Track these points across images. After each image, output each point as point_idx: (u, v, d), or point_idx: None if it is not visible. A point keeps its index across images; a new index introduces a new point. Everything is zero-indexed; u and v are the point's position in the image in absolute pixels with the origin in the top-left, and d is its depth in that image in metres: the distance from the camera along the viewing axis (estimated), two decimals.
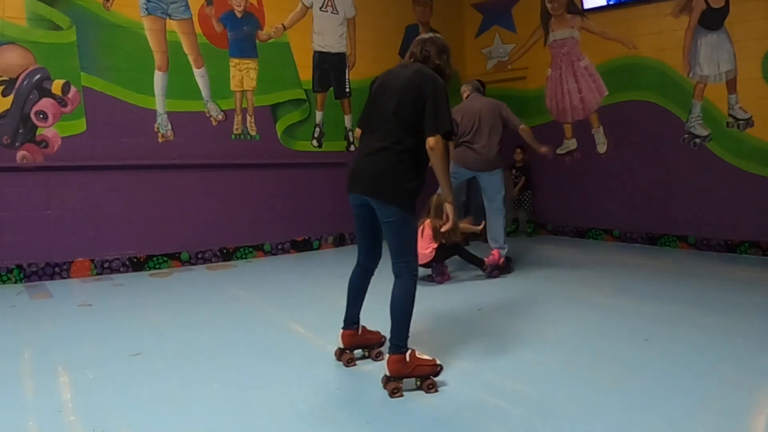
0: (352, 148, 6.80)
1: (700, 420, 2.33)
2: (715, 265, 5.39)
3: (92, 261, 5.14)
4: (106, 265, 5.20)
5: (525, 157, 7.19)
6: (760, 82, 5.60)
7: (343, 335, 2.95)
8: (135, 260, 5.34)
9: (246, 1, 6.02)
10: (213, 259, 5.78)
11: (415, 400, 2.54)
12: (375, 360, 2.98)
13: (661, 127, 6.29)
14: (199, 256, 5.71)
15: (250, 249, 6.05)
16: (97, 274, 5.15)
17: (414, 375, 2.61)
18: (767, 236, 5.62)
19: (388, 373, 2.61)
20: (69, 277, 5.01)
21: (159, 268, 5.45)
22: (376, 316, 3.00)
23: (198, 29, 5.72)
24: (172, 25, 5.55)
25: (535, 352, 3.14)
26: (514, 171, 7.24)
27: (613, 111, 6.70)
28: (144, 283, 4.94)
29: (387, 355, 2.65)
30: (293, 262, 5.83)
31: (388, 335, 2.70)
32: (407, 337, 2.64)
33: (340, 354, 2.98)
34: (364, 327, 3.00)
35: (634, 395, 2.55)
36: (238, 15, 5.98)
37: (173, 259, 5.56)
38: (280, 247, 6.25)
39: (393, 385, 2.58)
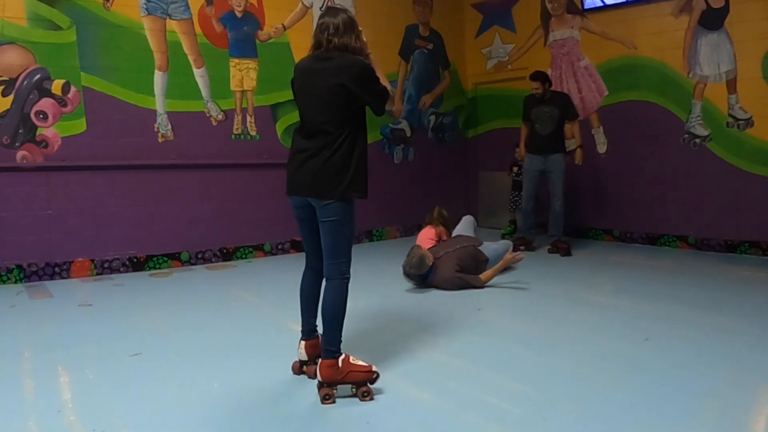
0: None
1: (700, 420, 2.33)
2: (715, 265, 5.38)
3: (92, 261, 5.14)
4: (106, 265, 5.20)
5: None
6: (760, 82, 5.60)
7: (306, 346, 2.77)
8: (135, 260, 5.34)
9: (246, 1, 6.02)
10: (213, 259, 5.78)
11: (414, 399, 2.54)
12: None
13: (661, 127, 6.29)
14: (199, 256, 5.71)
15: (250, 249, 6.05)
16: (97, 274, 5.15)
17: (347, 381, 2.51)
18: (767, 236, 5.62)
19: (320, 379, 2.51)
20: (69, 277, 5.01)
21: (159, 268, 5.45)
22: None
23: (198, 29, 5.71)
24: (172, 25, 5.55)
25: (535, 352, 3.14)
26: (516, 169, 7.19)
27: (613, 111, 6.70)
28: (144, 283, 4.94)
29: (319, 360, 2.56)
30: (293, 262, 5.79)
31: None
32: (340, 341, 2.56)
33: (300, 367, 2.79)
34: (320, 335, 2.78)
35: (634, 395, 2.55)
36: (238, 15, 5.98)
37: (173, 259, 5.56)
38: (280, 247, 6.25)
39: (325, 390, 2.49)
